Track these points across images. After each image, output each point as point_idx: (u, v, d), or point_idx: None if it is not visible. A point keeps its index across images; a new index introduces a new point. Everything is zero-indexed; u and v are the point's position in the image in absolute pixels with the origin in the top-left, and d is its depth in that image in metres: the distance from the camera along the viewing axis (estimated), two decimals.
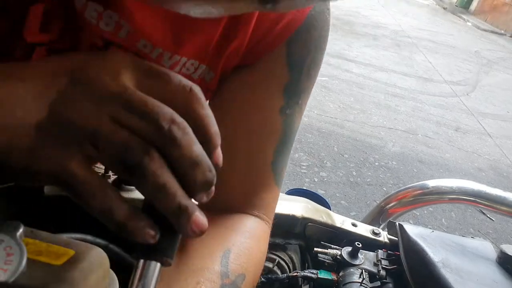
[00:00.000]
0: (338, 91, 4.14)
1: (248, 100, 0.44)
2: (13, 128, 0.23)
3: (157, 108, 0.24)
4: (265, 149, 0.45)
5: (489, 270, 0.52)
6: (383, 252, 0.56)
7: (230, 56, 0.42)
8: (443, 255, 0.51)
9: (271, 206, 0.48)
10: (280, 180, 0.47)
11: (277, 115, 0.44)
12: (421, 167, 3.07)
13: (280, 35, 0.42)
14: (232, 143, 0.44)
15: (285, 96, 0.44)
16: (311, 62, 0.45)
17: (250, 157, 0.45)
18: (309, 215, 0.57)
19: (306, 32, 0.43)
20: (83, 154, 0.23)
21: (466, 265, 0.51)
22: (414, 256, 0.52)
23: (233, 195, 0.45)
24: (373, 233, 0.60)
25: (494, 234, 2.49)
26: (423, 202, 0.83)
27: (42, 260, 0.29)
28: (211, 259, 0.38)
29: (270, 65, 0.43)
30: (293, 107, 0.45)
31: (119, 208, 0.24)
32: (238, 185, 0.45)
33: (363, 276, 0.51)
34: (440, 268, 0.48)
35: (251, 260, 0.41)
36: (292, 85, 0.44)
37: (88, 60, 0.26)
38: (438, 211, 2.55)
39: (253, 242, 0.43)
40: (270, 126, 0.45)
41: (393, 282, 0.52)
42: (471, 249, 0.55)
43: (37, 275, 0.28)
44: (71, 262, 0.30)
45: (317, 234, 0.58)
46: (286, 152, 0.47)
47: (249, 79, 0.44)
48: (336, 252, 0.55)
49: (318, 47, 0.45)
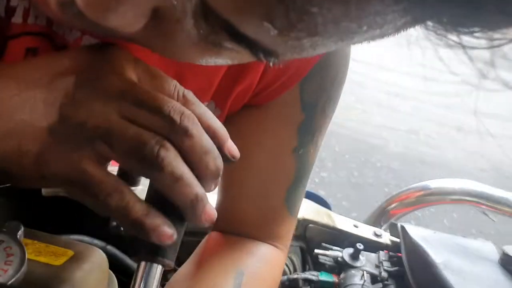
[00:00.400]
0: None
1: (260, 140, 0.43)
2: (22, 133, 0.23)
3: (166, 101, 0.24)
4: (277, 189, 0.44)
5: (491, 272, 0.51)
6: (385, 254, 0.56)
7: (238, 97, 0.40)
8: (445, 257, 0.51)
9: (286, 235, 0.47)
10: (296, 210, 0.47)
11: (290, 156, 0.43)
12: (423, 168, 3.06)
13: (293, 77, 0.40)
14: (243, 179, 0.44)
15: (299, 136, 0.43)
16: (326, 101, 0.43)
17: (262, 194, 0.44)
18: (309, 217, 0.56)
19: (321, 71, 0.41)
20: (96, 153, 0.23)
21: (468, 267, 0.50)
22: (416, 257, 0.52)
23: (246, 226, 0.45)
24: (375, 234, 0.60)
25: (496, 235, 2.48)
26: (425, 203, 0.83)
27: (42, 260, 0.29)
28: (225, 279, 0.38)
29: (282, 105, 0.42)
30: (306, 146, 0.44)
31: (135, 206, 0.24)
32: (250, 216, 0.45)
33: (364, 278, 0.51)
34: (442, 270, 0.48)
35: (263, 285, 0.41)
36: (306, 125, 0.43)
37: (92, 58, 0.26)
38: (440, 212, 2.54)
39: (267, 267, 0.43)
40: (282, 167, 0.44)
41: (395, 284, 0.52)
42: (474, 250, 0.55)
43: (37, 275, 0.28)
44: (70, 263, 0.30)
45: (318, 236, 0.58)
46: (301, 188, 0.46)
47: (260, 119, 0.42)
48: (337, 253, 0.54)
49: (336, 85, 0.43)
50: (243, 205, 0.45)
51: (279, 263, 0.46)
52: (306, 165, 0.45)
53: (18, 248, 0.27)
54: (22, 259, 0.26)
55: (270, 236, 0.46)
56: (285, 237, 0.47)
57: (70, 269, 0.29)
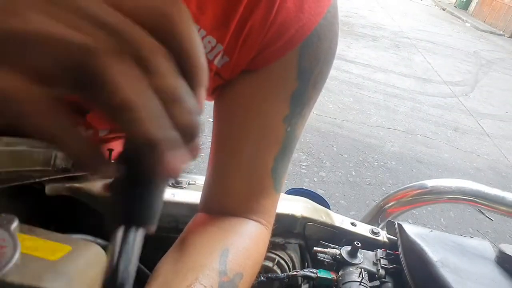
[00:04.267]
0: (338, 91, 4.14)
1: (255, 105, 0.44)
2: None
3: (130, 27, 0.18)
4: (266, 156, 0.45)
5: (488, 270, 0.52)
6: (382, 252, 0.56)
7: (246, 45, 0.41)
8: (442, 255, 0.51)
9: (270, 211, 0.48)
10: (280, 186, 0.48)
11: (281, 123, 0.44)
12: (420, 167, 3.07)
13: (293, 39, 0.41)
14: (235, 146, 0.45)
15: (291, 104, 0.44)
16: (318, 73, 0.45)
17: (251, 162, 0.45)
18: (308, 215, 0.57)
19: (317, 41, 0.43)
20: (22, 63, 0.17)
21: (465, 265, 0.51)
22: (413, 255, 0.53)
23: (233, 199, 0.46)
24: (372, 232, 0.60)
25: (493, 233, 2.50)
26: (422, 202, 0.84)
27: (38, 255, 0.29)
28: (210, 257, 0.38)
29: (281, 70, 0.43)
30: (296, 117, 0.45)
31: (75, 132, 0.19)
32: (238, 189, 0.45)
33: (362, 275, 0.51)
34: (439, 268, 0.49)
35: (249, 260, 0.41)
36: (299, 94, 0.44)
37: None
38: (437, 210, 2.56)
39: (251, 243, 0.43)
40: (273, 134, 0.45)
41: (392, 281, 0.53)
42: (470, 248, 0.55)
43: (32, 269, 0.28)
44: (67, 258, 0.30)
45: (316, 234, 0.58)
46: (286, 160, 0.47)
47: (256, 84, 0.44)
48: (335, 251, 0.55)
49: (327, 59, 0.45)
50: (232, 174, 0.45)
51: (263, 238, 0.46)
52: (293, 137, 0.46)
53: (11, 241, 0.27)
54: (15, 251, 0.26)
55: (256, 210, 0.46)
56: (270, 212, 0.48)
57: (66, 264, 0.29)
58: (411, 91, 4.74)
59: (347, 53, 5.43)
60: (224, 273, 0.37)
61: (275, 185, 0.47)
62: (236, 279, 0.38)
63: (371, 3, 10.72)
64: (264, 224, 0.47)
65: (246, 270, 0.40)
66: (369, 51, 5.89)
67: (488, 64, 7.00)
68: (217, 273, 0.37)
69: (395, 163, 3.03)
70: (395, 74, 5.18)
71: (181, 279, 0.35)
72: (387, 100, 4.28)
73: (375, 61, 5.46)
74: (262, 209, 0.46)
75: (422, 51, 6.74)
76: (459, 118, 4.29)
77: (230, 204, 0.46)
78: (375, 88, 4.53)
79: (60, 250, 0.30)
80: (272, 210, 0.48)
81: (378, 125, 3.61)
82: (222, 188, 0.46)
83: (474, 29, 11.04)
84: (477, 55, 7.48)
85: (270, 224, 0.48)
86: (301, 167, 2.65)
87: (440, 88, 5.08)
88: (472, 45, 8.48)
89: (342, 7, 8.68)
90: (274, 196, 0.48)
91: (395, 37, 7.32)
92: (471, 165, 3.34)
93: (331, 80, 4.35)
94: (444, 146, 3.55)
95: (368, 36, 6.88)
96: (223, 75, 0.43)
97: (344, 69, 4.80)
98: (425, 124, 3.90)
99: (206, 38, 0.40)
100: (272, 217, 0.49)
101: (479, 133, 4.06)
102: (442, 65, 6.13)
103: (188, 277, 0.36)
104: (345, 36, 6.38)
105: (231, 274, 0.38)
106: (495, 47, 8.97)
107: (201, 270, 0.37)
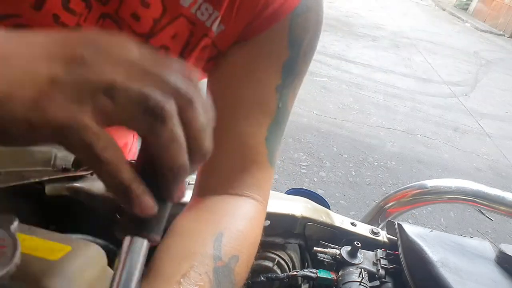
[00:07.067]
0: (338, 91, 4.14)
1: (247, 75, 0.45)
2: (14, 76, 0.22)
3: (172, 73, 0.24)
4: (260, 125, 0.45)
5: (488, 270, 0.52)
6: (382, 252, 0.56)
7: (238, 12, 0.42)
8: (442, 255, 0.51)
9: (265, 185, 0.47)
10: (274, 159, 0.47)
11: (273, 93, 0.45)
12: (420, 167, 3.07)
13: (283, 7, 0.43)
14: (228, 117, 0.45)
15: (283, 74, 0.45)
16: (308, 44, 0.46)
17: (245, 130, 0.45)
18: (308, 215, 0.57)
19: (306, 11, 0.44)
20: (96, 108, 0.22)
21: (465, 265, 0.51)
22: (413, 255, 0.53)
23: (226, 173, 0.45)
24: (372, 232, 0.60)
25: (493, 233, 2.50)
26: (422, 202, 0.84)
27: (38, 255, 0.29)
28: (203, 243, 0.38)
29: (272, 40, 0.44)
30: (288, 88, 0.46)
31: (126, 168, 0.23)
32: (232, 160, 0.45)
33: (362, 275, 0.51)
34: (439, 268, 0.49)
35: (244, 242, 0.41)
36: (290, 64, 0.45)
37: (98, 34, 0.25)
38: (437, 210, 2.56)
39: (246, 223, 0.43)
40: (266, 102, 0.45)
41: (392, 281, 0.52)
42: (470, 248, 0.55)
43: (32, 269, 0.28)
44: (66, 258, 0.30)
45: (316, 234, 0.58)
46: (279, 133, 0.48)
47: (251, 52, 0.45)
48: (335, 251, 0.55)
49: (315, 31, 0.46)
50: (226, 144, 0.45)
51: (258, 216, 0.45)
52: (285, 107, 0.47)
53: (11, 241, 0.27)
54: (15, 251, 0.26)
55: (250, 183, 0.45)
56: (264, 187, 0.47)
57: (65, 264, 0.29)
58: (411, 91, 4.74)
59: (347, 53, 5.43)
60: (219, 258, 0.37)
61: (269, 157, 0.46)
62: (231, 263, 0.38)
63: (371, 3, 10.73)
64: (258, 200, 0.46)
65: (242, 252, 0.40)
66: (369, 51, 5.89)
67: (488, 64, 7.00)
68: (212, 259, 0.37)
69: (395, 163, 3.03)
70: (395, 74, 5.18)
71: (175, 268, 0.35)
72: (387, 100, 4.28)
73: (375, 61, 5.46)
74: (256, 182, 0.46)
75: (422, 51, 6.74)
76: (459, 118, 4.29)
77: (224, 179, 0.45)
78: (375, 88, 4.53)
79: (60, 250, 0.30)
80: (266, 186, 0.48)
81: (378, 125, 3.62)
82: (216, 160, 0.44)
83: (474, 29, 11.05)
84: (477, 55, 7.48)
85: (265, 201, 0.47)
86: (301, 167, 2.65)
87: (440, 88, 5.08)
88: (472, 45, 8.48)
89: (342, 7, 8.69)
90: (269, 170, 0.47)
91: (395, 37, 7.33)
92: (471, 165, 3.34)
93: (331, 80, 4.36)
94: (444, 146, 3.55)
95: (368, 36, 6.89)
96: (218, 45, 0.44)
97: (344, 69, 4.80)
98: (425, 124, 3.90)
99: (203, 5, 0.41)
100: (267, 193, 0.48)
101: (479, 133, 4.06)
102: (442, 65, 6.14)
103: (182, 265, 0.35)
104: (345, 36, 6.38)
105: (226, 258, 0.37)
106: (495, 47, 8.97)
107: (195, 257, 0.36)
